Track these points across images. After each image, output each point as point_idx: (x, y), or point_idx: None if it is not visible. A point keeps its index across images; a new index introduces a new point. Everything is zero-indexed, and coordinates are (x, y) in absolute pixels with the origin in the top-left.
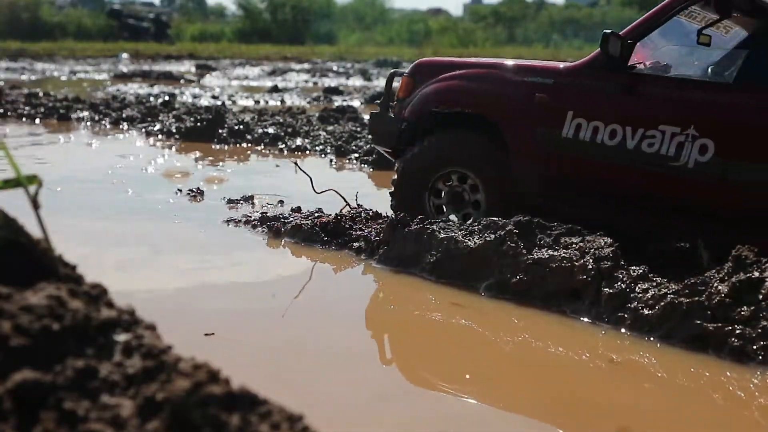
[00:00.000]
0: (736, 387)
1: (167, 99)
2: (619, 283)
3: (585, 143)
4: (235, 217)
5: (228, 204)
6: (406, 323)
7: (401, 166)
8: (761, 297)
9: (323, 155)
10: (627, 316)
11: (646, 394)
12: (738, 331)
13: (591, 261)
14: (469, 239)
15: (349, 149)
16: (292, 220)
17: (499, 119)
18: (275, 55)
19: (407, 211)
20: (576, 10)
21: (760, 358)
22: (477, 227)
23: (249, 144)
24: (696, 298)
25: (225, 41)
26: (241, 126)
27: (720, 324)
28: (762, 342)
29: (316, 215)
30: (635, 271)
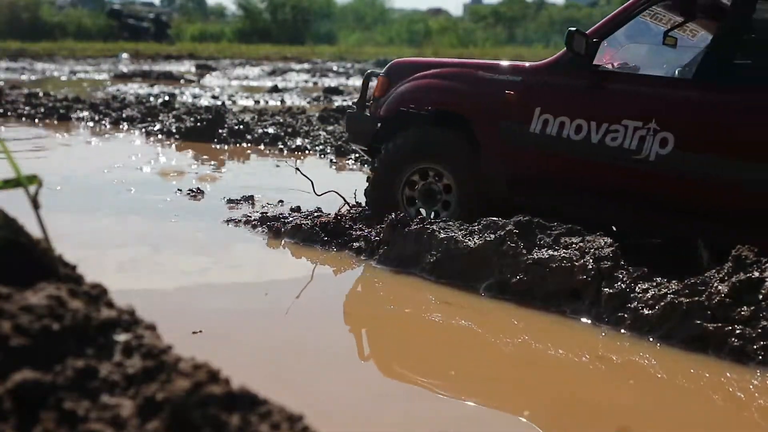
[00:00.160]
0: (736, 387)
1: (167, 99)
2: (619, 283)
3: (552, 138)
4: (235, 217)
5: (228, 204)
6: (406, 323)
7: (375, 163)
8: (761, 297)
9: (323, 155)
10: (627, 316)
11: (646, 394)
12: (738, 331)
13: (591, 261)
14: (469, 239)
15: (349, 149)
16: (292, 220)
17: (470, 116)
18: (275, 55)
19: (381, 209)
20: (576, 10)
21: (760, 358)
22: (477, 227)
23: (249, 144)
24: (696, 298)
25: (225, 41)
26: (241, 126)
27: (720, 324)
28: (762, 342)
29: (315, 215)
30: (635, 271)
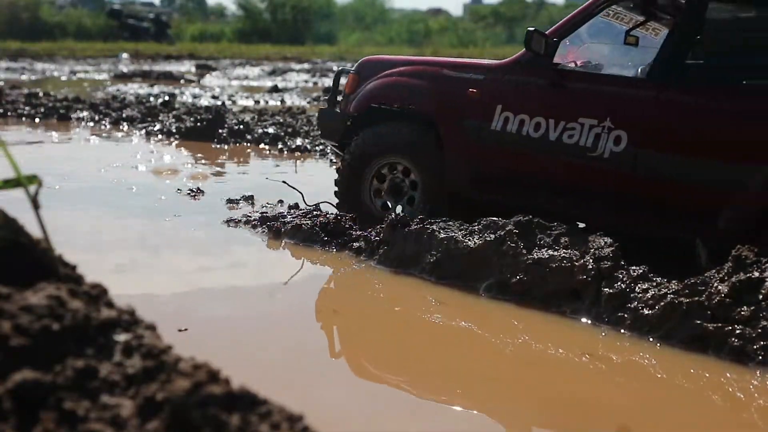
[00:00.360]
0: (735, 388)
1: (167, 99)
2: (619, 283)
3: (512, 136)
4: (235, 217)
5: (228, 204)
6: (406, 324)
7: (344, 159)
8: (761, 297)
9: (323, 155)
10: (627, 316)
11: (646, 394)
12: (738, 331)
13: (591, 261)
14: (469, 239)
15: None
16: (291, 220)
17: (434, 114)
18: (275, 55)
19: (350, 204)
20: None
21: (760, 358)
22: (477, 227)
23: (249, 144)
24: (696, 298)
25: (225, 41)
26: (241, 126)
27: (720, 324)
28: (762, 342)
29: (315, 213)
30: (635, 271)
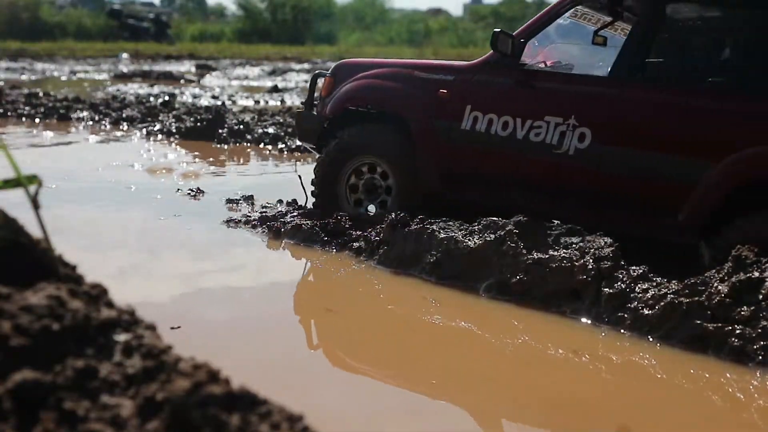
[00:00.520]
0: (735, 388)
1: (167, 99)
2: (619, 283)
3: (481, 135)
4: (235, 217)
5: (228, 204)
6: (406, 324)
7: (323, 156)
8: (761, 297)
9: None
10: (627, 316)
11: (646, 394)
12: (738, 331)
13: (591, 261)
14: (469, 239)
15: None
16: (291, 219)
17: (406, 115)
18: (275, 55)
19: (327, 204)
20: None
21: (760, 358)
22: (477, 227)
23: (249, 144)
24: (696, 298)
25: (225, 41)
26: (241, 126)
27: (720, 324)
28: (762, 342)
29: (311, 210)
30: (635, 271)
